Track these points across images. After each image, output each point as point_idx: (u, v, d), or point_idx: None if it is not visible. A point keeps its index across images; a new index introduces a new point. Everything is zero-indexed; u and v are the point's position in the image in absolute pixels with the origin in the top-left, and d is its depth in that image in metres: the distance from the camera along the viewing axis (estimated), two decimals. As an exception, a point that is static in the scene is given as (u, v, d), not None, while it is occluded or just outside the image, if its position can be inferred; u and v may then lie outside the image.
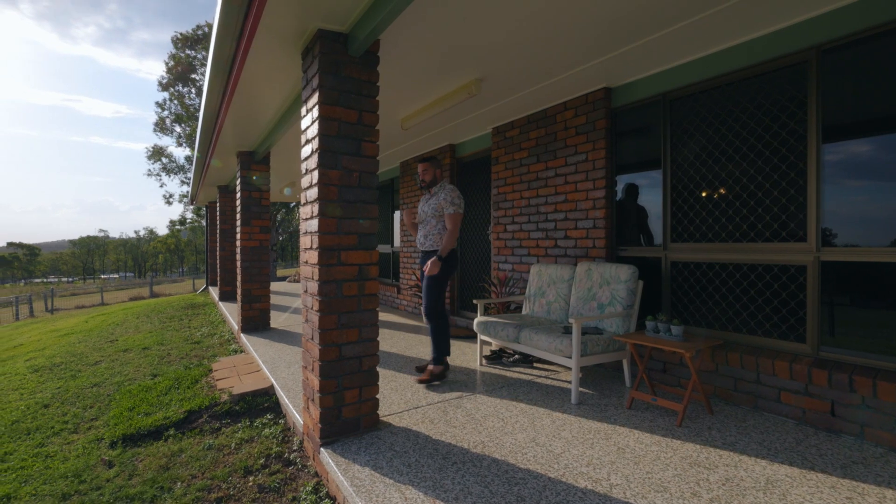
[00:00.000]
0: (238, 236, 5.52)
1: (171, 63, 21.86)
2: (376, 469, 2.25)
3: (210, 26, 21.29)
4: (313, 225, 2.53)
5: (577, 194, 4.04)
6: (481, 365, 4.03)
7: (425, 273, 3.54)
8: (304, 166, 2.71)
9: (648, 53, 3.18)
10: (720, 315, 3.18)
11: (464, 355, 4.38)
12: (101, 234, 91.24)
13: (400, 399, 3.21)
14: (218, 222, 8.74)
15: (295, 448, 2.89)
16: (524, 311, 4.25)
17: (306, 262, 2.68)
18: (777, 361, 2.73)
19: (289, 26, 2.51)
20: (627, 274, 3.36)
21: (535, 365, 3.97)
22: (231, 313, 6.98)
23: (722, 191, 3.16)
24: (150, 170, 23.89)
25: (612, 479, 2.10)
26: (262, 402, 3.53)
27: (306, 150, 2.66)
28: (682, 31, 2.88)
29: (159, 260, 77.22)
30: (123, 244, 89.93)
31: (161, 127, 23.06)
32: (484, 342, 4.65)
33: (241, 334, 5.43)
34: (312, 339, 2.59)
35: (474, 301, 4.09)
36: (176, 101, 22.56)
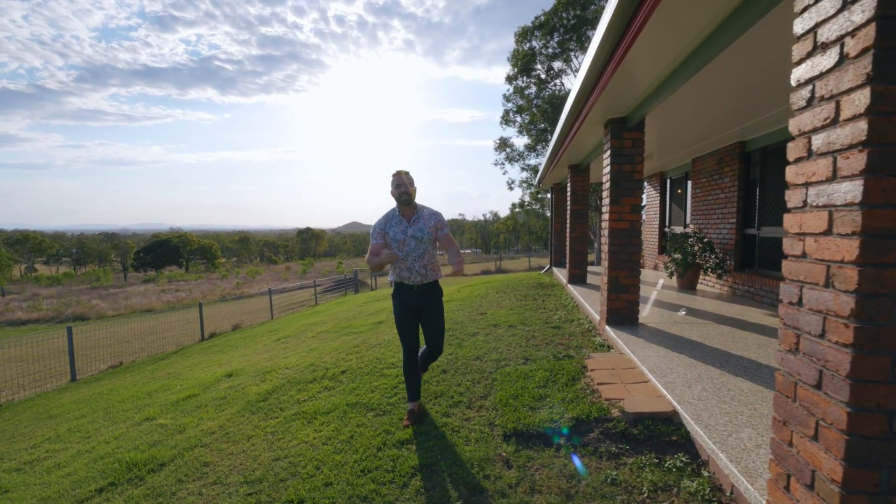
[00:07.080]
0: (606, 216, 4.89)
1: (514, 59, 24.09)
2: None
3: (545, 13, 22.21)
4: (843, 192, 1.42)
5: None
6: None
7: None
8: (799, 95, 1.61)
9: None
10: None
11: None
12: (460, 217, 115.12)
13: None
14: (568, 203, 8.54)
15: (747, 533, 1.92)
16: None
17: (807, 257, 1.60)
18: None
19: None
20: None
21: None
22: (585, 299, 6.58)
23: None
24: (496, 160, 27.46)
25: None
26: (668, 433, 2.71)
27: (805, 69, 1.55)
28: None
29: (500, 239, 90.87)
30: (475, 225, 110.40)
31: (506, 119, 26.01)
32: None
33: (606, 326, 4.83)
34: (821, 388, 1.51)
35: None
36: (518, 95, 24.87)
